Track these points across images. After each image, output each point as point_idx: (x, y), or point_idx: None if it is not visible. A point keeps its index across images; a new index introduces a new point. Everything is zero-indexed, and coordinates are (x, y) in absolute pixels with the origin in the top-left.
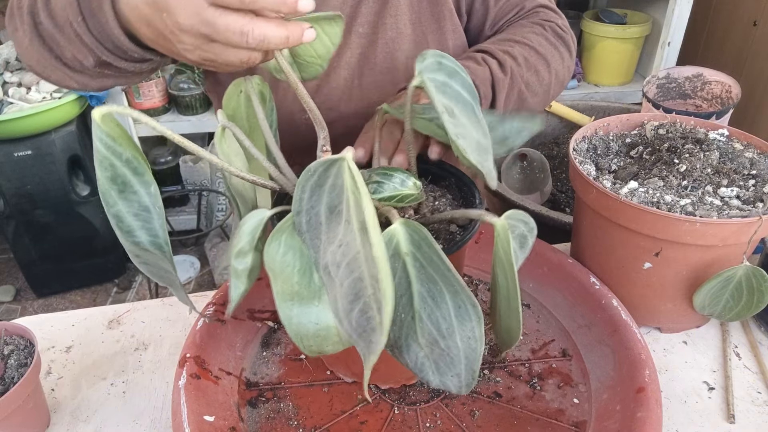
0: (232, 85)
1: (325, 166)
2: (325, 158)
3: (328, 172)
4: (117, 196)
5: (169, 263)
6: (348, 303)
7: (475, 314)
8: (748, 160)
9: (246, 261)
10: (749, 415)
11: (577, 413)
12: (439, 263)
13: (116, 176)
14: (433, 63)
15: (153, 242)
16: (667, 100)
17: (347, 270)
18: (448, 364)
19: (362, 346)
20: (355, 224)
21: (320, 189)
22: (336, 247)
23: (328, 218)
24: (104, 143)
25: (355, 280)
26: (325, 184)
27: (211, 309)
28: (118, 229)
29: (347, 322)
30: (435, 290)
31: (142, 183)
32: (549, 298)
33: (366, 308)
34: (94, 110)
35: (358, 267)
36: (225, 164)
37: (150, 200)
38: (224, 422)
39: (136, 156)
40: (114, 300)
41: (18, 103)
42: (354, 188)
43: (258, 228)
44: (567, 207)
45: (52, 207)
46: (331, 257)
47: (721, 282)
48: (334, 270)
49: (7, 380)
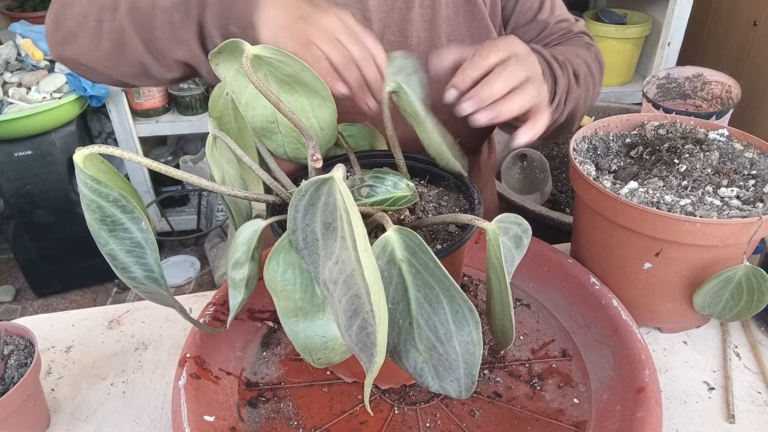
0: (217, 87)
1: (315, 186)
2: (315, 178)
3: (319, 191)
4: (108, 236)
5: (166, 291)
6: (347, 319)
7: (473, 318)
8: (748, 160)
9: (243, 271)
10: (749, 415)
11: (577, 413)
12: (434, 269)
13: (105, 217)
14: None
15: (148, 277)
16: (667, 100)
17: (344, 287)
18: (447, 369)
19: (364, 360)
20: (349, 242)
21: (314, 207)
22: (333, 264)
23: (324, 234)
24: (89, 187)
25: (353, 297)
26: (318, 202)
27: (211, 309)
28: (113, 266)
29: (348, 337)
30: (432, 296)
31: (132, 220)
32: (549, 298)
33: (365, 324)
34: (76, 154)
35: (355, 284)
36: (215, 185)
37: (142, 236)
38: (224, 422)
39: (124, 194)
40: (114, 300)
41: (18, 103)
42: (344, 208)
43: (253, 238)
44: (567, 207)
45: (52, 207)
46: (328, 274)
47: (721, 282)
48: (332, 287)
49: (7, 380)
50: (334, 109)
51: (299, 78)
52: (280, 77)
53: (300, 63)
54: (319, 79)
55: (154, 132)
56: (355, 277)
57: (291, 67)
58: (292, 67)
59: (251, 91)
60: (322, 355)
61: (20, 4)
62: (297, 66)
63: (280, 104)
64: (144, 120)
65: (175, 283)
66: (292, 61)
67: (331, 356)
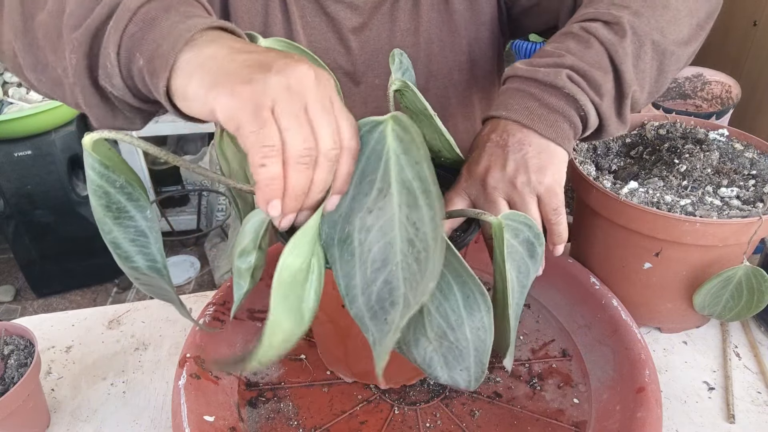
0: None
1: (368, 127)
2: (371, 118)
3: (369, 136)
4: (112, 223)
5: (168, 284)
6: (374, 271)
7: (485, 303)
8: (748, 160)
9: (249, 260)
10: (749, 415)
11: (577, 413)
12: (446, 255)
13: (111, 203)
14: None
15: (151, 267)
16: (667, 100)
17: (379, 233)
18: (456, 357)
19: (373, 330)
20: (395, 186)
21: (359, 153)
22: (365, 213)
23: (357, 186)
24: (97, 171)
25: (386, 244)
26: (366, 148)
27: (211, 309)
28: (116, 255)
29: (364, 298)
30: (442, 282)
31: (137, 208)
32: (549, 298)
33: (391, 277)
34: (85, 137)
35: (392, 230)
36: (221, 177)
37: (146, 224)
38: (224, 422)
39: (131, 181)
40: (114, 300)
41: (18, 103)
42: (398, 151)
43: (261, 226)
44: (567, 207)
45: (52, 207)
46: (360, 222)
47: (721, 282)
48: (363, 235)
49: (7, 380)
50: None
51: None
52: None
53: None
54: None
55: (154, 132)
56: (393, 223)
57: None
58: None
59: None
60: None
61: None
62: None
63: None
64: None
65: (175, 283)
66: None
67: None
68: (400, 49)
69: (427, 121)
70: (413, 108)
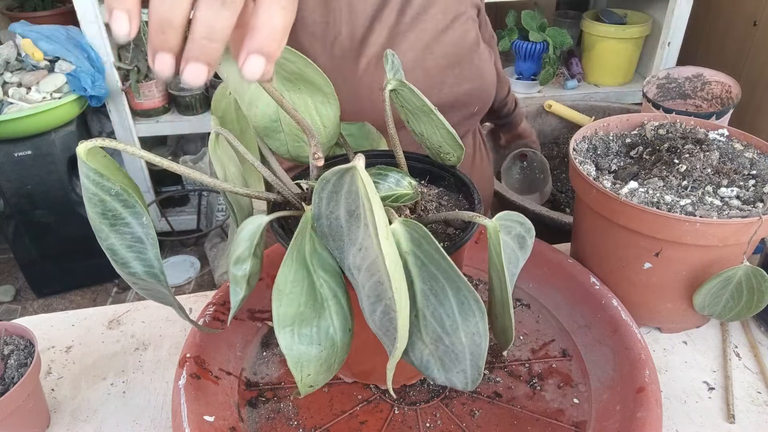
0: (219, 87)
1: (338, 175)
2: (337, 168)
3: (342, 180)
4: (109, 230)
5: (165, 288)
6: (371, 304)
7: (479, 309)
8: (748, 160)
9: (245, 267)
10: (749, 415)
11: (577, 413)
12: (440, 260)
13: (107, 211)
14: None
15: (148, 272)
16: (667, 100)
17: (368, 273)
18: (453, 360)
19: (388, 344)
20: (371, 230)
21: (337, 195)
22: (357, 250)
23: (348, 221)
24: (92, 180)
25: (375, 283)
26: (341, 190)
27: (211, 309)
28: (113, 261)
29: (372, 321)
30: (437, 287)
31: (133, 215)
32: (549, 298)
33: (387, 310)
34: (79, 146)
35: (378, 271)
36: (216, 182)
37: (143, 231)
38: (224, 422)
39: (126, 188)
40: (114, 300)
41: (18, 103)
42: (366, 196)
43: (256, 234)
44: (567, 207)
45: (52, 207)
46: (352, 260)
47: (721, 282)
48: (356, 273)
49: (7, 380)
50: (337, 106)
51: (303, 75)
52: (284, 75)
53: (304, 59)
54: (322, 75)
55: (154, 132)
56: (378, 264)
57: (295, 64)
58: (296, 63)
59: (254, 90)
60: (312, 372)
61: (20, 4)
62: (301, 62)
63: (283, 101)
64: (144, 120)
65: (175, 283)
66: (296, 58)
67: (319, 375)
68: None
69: (425, 117)
70: (410, 106)
